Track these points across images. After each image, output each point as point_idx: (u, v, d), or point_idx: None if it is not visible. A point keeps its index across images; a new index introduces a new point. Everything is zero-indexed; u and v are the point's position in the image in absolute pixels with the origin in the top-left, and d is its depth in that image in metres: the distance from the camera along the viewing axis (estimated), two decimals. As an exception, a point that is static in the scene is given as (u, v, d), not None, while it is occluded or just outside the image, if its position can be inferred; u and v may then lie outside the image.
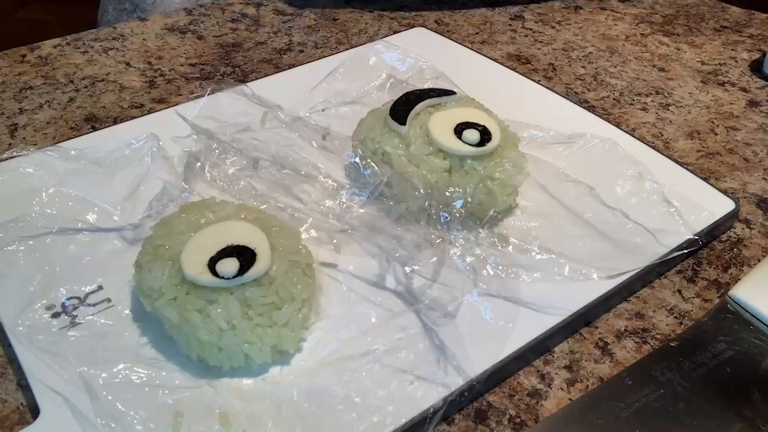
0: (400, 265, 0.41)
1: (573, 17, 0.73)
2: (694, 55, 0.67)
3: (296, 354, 0.37)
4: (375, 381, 0.35)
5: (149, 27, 0.68)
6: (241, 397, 0.34)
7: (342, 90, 0.55)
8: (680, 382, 0.37)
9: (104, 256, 0.41)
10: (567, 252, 0.42)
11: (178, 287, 0.35)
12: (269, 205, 0.43)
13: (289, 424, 0.33)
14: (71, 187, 0.45)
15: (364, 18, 0.71)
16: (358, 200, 0.44)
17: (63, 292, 0.39)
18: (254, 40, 0.66)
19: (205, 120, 0.50)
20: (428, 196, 0.42)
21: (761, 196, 0.50)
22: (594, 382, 0.37)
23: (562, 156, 0.49)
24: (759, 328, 0.40)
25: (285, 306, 0.35)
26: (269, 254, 0.36)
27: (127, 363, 0.35)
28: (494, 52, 0.66)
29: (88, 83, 0.59)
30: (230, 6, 0.72)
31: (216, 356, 0.35)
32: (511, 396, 0.37)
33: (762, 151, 0.55)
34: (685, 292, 0.43)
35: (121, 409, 0.33)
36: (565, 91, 0.61)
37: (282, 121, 0.51)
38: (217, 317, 0.34)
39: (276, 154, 0.47)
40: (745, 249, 0.46)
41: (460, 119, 0.44)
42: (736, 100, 0.60)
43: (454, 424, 0.35)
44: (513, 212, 0.46)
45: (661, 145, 0.54)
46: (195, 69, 0.62)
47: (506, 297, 0.40)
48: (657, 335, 0.40)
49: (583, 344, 0.39)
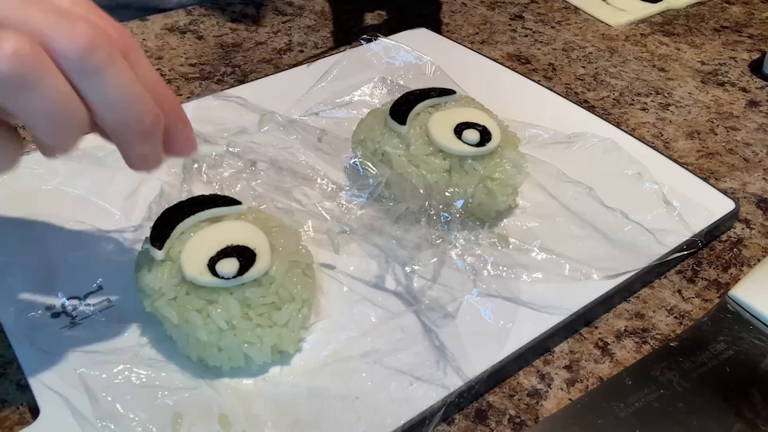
0: (400, 265, 0.41)
1: (573, 17, 0.73)
2: (694, 55, 0.67)
3: (296, 354, 0.37)
4: (375, 381, 0.35)
5: (149, 27, 0.68)
6: (241, 398, 0.34)
7: (340, 90, 0.55)
8: (680, 382, 0.37)
9: (104, 256, 0.41)
10: (567, 252, 0.42)
11: (178, 287, 0.35)
12: (268, 207, 0.43)
13: (289, 424, 0.33)
14: (72, 187, 0.45)
15: (364, 18, 0.71)
16: (357, 201, 0.44)
17: (63, 292, 0.39)
18: (254, 40, 0.66)
19: (201, 123, 0.50)
20: (428, 196, 0.42)
21: (761, 196, 0.50)
22: (594, 382, 0.37)
23: (562, 156, 0.49)
24: (759, 328, 0.40)
25: (285, 306, 0.35)
26: (269, 254, 0.36)
27: (127, 363, 0.35)
28: (494, 52, 0.66)
29: (88, 83, 0.59)
30: (230, 6, 0.72)
31: (216, 356, 0.35)
32: (511, 396, 0.37)
33: (762, 151, 0.54)
34: (685, 292, 0.43)
35: (120, 410, 0.33)
36: (565, 91, 0.61)
37: (279, 123, 0.51)
38: (217, 317, 0.34)
39: (273, 157, 0.47)
40: (745, 249, 0.46)
41: (460, 119, 0.44)
42: (736, 100, 0.60)
43: (454, 424, 0.35)
44: (513, 212, 0.46)
45: (661, 145, 0.54)
46: (195, 69, 0.62)
47: (506, 297, 0.40)
48: (657, 335, 0.40)
49: (583, 344, 0.39)
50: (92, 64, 0.27)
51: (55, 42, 0.26)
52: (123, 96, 0.28)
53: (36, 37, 0.26)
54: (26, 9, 0.26)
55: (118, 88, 0.28)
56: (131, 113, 0.29)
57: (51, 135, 0.28)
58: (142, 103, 0.29)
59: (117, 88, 0.28)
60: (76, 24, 0.26)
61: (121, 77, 0.28)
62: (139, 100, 0.29)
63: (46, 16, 0.26)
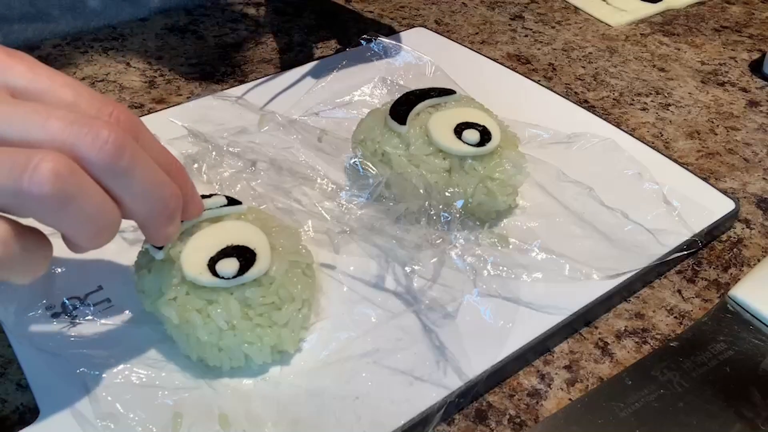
0: (400, 265, 0.41)
1: (573, 17, 0.73)
2: (694, 55, 0.67)
3: (296, 354, 0.37)
4: (375, 381, 0.35)
5: (149, 27, 0.68)
6: (241, 398, 0.34)
7: (340, 90, 0.55)
8: (680, 382, 0.37)
9: (104, 256, 0.41)
10: (567, 252, 0.42)
11: (178, 287, 0.35)
12: (268, 207, 0.43)
13: (289, 424, 0.33)
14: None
15: (364, 18, 0.71)
16: (357, 201, 0.44)
17: (63, 292, 0.39)
18: (254, 40, 0.66)
19: (201, 123, 0.50)
20: (428, 196, 0.42)
21: (761, 196, 0.50)
22: (594, 382, 0.37)
23: (562, 156, 0.49)
24: (759, 328, 0.40)
25: (285, 306, 0.35)
26: (269, 254, 0.36)
27: (127, 363, 0.35)
28: (494, 52, 0.66)
29: (87, 83, 0.59)
30: (230, 6, 0.72)
31: (216, 356, 0.35)
32: (511, 396, 0.37)
33: (762, 151, 0.55)
34: (685, 292, 0.43)
35: (120, 410, 0.33)
36: (565, 91, 0.61)
37: (279, 123, 0.51)
38: (217, 317, 0.34)
39: (273, 157, 0.47)
40: (745, 249, 0.46)
41: (460, 119, 0.44)
42: (736, 100, 0.60)
43: (454, 424, 0.35)
44: (513, 212, 0.46)
45: (661, 145, 0.54)
46: (195, 69, 0.62)
47: (506, 297, 0.40)
48: (657, 335, 0.40)
49: (583, 344, 0.39)
50: (121, 167, 0.28)
51: (84, 152, 0.27)
52: (151, 187, 0.29)
53: (66, 151, 0.26)
54: (46, 123, 0.26)
55: (146, 181, 0.29)
56: (159, 201, 0.30)
57: (88, 240, 0.29)
58: (166, 188, 0.30)
59: (145, 181, 0.29)
60: (99, 131, 0.27)
61: (146, 170, 0.29)
62: (164, 186, 0.30)
63: (67, 128, 0.27)
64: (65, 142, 0.26)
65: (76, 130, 0.27)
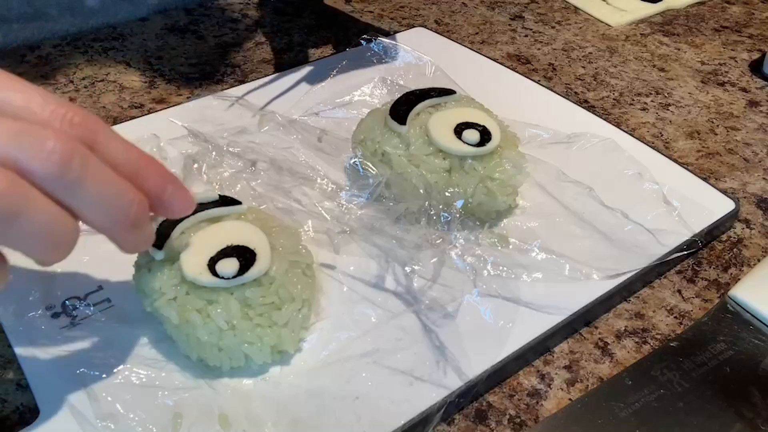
0: (400, 265, 0.41)
1: (573, 17, 0.73)
2: (694, 55, 0.67)
3: (296, 354, 0.37)
4: (375, 381, 0.35)
5: (149, 27, 0.68)
6: (241, 398, 0.34)
7: (340, 90, 0.55)
8: (680, 382, 0.37)
9: (104, 256, 0.41)
10: (567, 252, 0.42)
11: (177, 287, 0.35)
12: (268, 207, 0.43)
13: (289, 424, 0.33)
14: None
15: (364, 18, 0.71)
16: (357, 201, 0.44)
17: (63, 292, 0.39)
18: (254, 40, 0.66)
19: (201, 123, 0.50)
20: (428, 196, 0.42)
21: (761, 196, 0.50)
22: (594, 382, 0.37)
23: (562, 156, 0.49)
24: (759, 328, 0.40)
25: (285, 306, 0.35)
26: (269, 254, 0.36)
27: (127, 363, 0.35)
28: (494, 52, 0.66)
29: (87, 83, 0.59)
30: (230, 6, 0.72)
31: (216, 356, 0.35)
32: (511, 396, 0.37)
33: (762, 151, 0.55)
34: (685, 292, 0.43)
35: (120, 410, 0.33)
36: (565, 91, 0.61)
37: (279, 123, 0.51)
38: (217, 317, 0.34)
39: (273, 157, 0.47)
40: (745, 249, 0.46)
41: (460, 119, 0.44)
42: (735, 100, 0.60)
43: (454, 424, 0.35)
44: (513, 212, 0.46)
45: (661, 145, 0.54)
46: (195, 69, 0.62)
47: (506, 297, 0.40)
48: (657, 335, 0.40)
49: (583, 344, 0.39)
50: (70, 178, 0.26)
51: (28, 165, 0.25)
52: (105, 195, 0.28)
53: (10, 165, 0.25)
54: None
55: (99, 190, 0.27)
56: (116, 209, 0.28)
57: (45, 254, 0.27)
58: (124, 196, 0.28)
59: (97, 190, 0.27)
60: (44, 141, 0.25)
61: (99, 178, 0.27)
62: (121, 194, 0.28)
63: (11, 139, 0.25)
64: (8, 155, 0.25)
65: (20, 141, 0.25)
